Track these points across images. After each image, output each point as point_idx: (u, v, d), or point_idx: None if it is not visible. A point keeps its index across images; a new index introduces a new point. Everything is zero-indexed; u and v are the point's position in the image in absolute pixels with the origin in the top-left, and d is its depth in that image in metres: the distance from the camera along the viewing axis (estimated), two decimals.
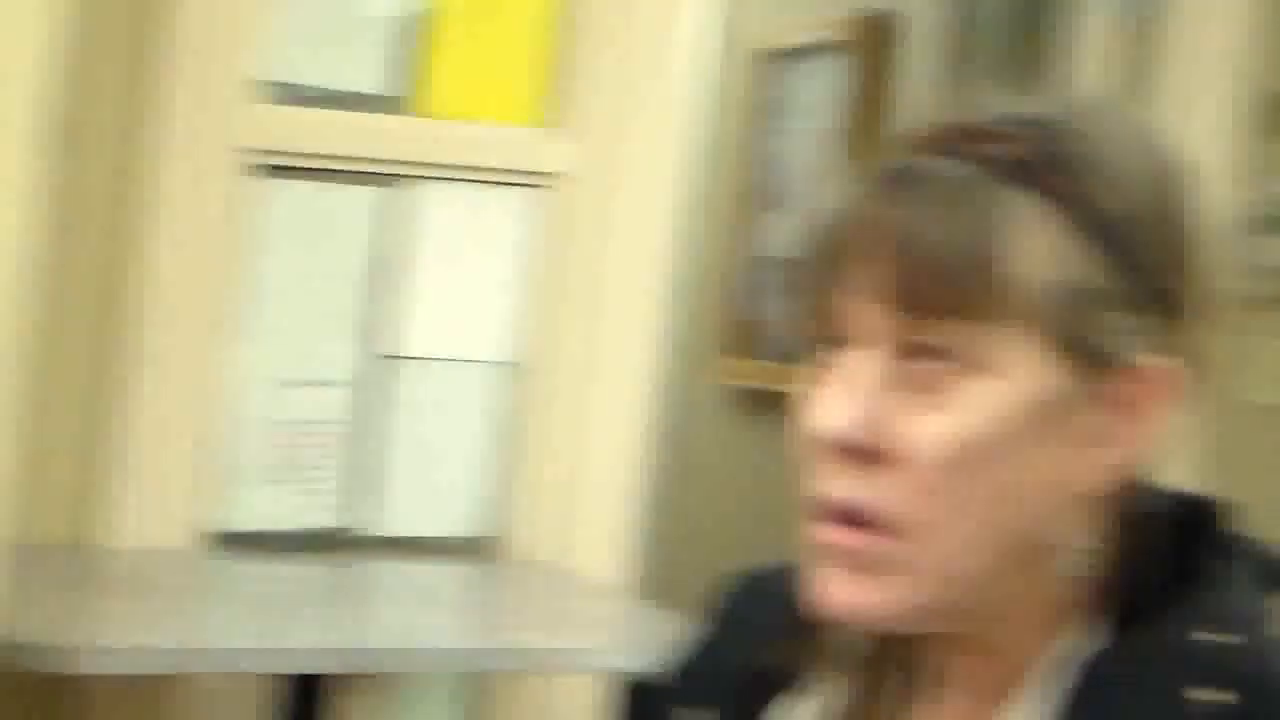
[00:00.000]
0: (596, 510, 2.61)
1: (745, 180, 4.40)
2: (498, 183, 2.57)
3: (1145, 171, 0.91)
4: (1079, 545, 0.91)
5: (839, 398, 0.89)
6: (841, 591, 0.90)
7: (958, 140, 0.90)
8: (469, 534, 2.57)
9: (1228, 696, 0.87)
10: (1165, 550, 0.93)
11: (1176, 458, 0.93)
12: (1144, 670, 0.89)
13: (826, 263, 0.90)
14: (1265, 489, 2.82)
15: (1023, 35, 3.46)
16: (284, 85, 2.46)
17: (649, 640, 2.10)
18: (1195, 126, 2.95)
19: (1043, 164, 0.89)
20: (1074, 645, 0.91)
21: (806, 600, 0.92)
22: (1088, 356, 0.88)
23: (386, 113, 2.52)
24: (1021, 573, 0.90)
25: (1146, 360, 0.89)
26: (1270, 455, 2.86)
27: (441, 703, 2.61)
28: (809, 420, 0.91)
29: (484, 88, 2.58)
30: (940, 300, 0.87)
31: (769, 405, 4.17)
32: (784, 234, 4.26)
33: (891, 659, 0.98)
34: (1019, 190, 0.88)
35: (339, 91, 2.50)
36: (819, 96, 4.17)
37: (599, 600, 2.53)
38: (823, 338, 0.92)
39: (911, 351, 0.89)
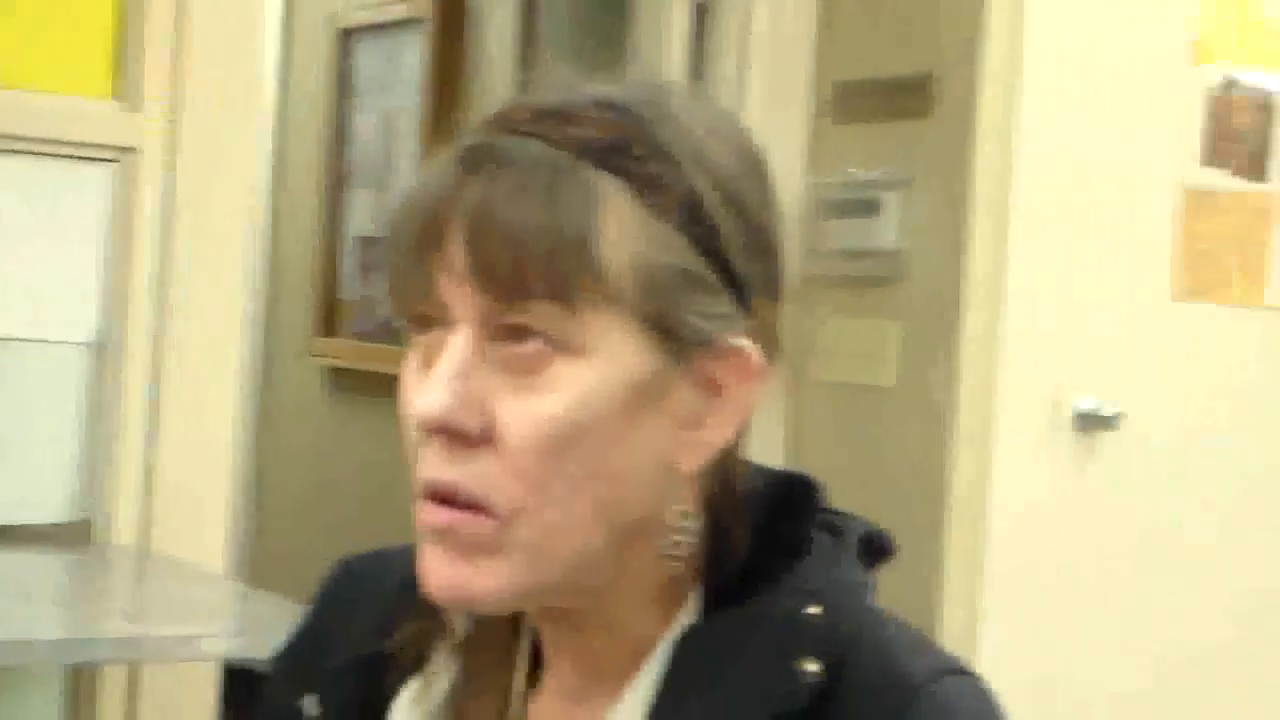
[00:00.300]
0: (193, 494, 2.55)
1: (333, 158, 4.34)
2: (69, 156, 2.48)
3: (725, 156, 0.92)
4: (679, 523, 0.92)
5: (433, 380, 0.88)
6: (443, 572, 0.90)
7: (541, 122, 0.90)
8: (63, 521, 2.48)
9: (820, 667, 0.89)
10: (764, 526, 0.95)
11: (762, 435, 0.96)
12: (742, 644, 0.91)
13: (414, 244, 0.89)
14: (839, 464, 2.95)
15: (598, 18, 3.51)
16: None
17: (255, 626, 2.08)
18: (770, 112, 3.05)
19: (625, 147, 0.89)
20: (688, 623, 0.93)
21: (417, 582, 0.91)
22: (676, 338, 0.90)
23: None
24: (624, 552, 0.91)
25: (733, 341, 0.91)
26: (842, 431, 2.99)
27: (43, 695, 2.50)
28: (406, 402, 0.91)
29: (51, 58, 2.47)
30: (525, 282, 0.87)
31: (366, 385, 4.13)
32: (371, 213, 4.22)
33: (502, 640, 0.98)
34: (602, 173, 0.88)
35: None
36: (399, 73, 4.15)
37: (201, 586, 2.47)
38: (417, 319, 0.91)
39: (503, 333, 0.89)
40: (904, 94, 2.92)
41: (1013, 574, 2.82)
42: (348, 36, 4.31)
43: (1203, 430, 2.95)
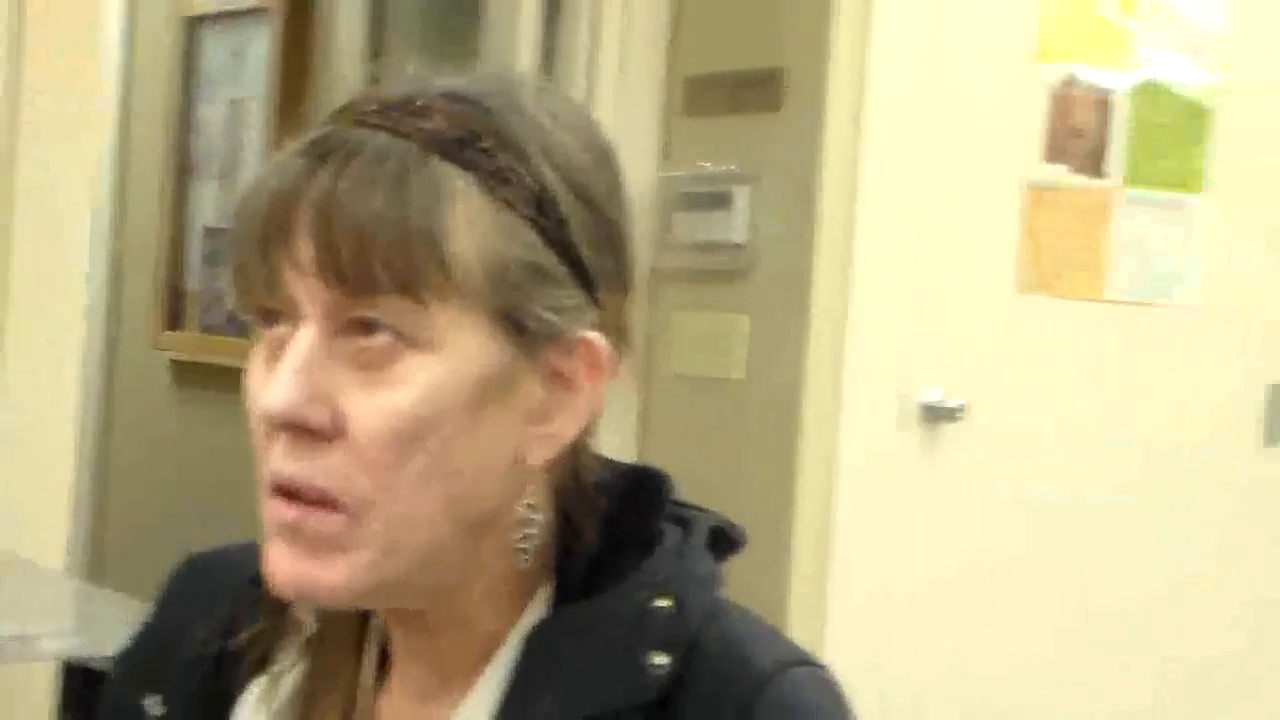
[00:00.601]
0: (32, 490, 2.49)
1: (179, 148, 4.27)
2: None
3: (575, 149, 0.92)
4: (530, 517, 0.92)
5: (280, 374, 0.88)
6: (290, 568, 0.89)
7: (389, 114, 0.89)
8: None
9: (669, 660, 0.90)
10: (614, 520, 0.96)
11: (612, 428, 0.96)
12: (591, 637, 0.91)
13: (259, 237, 0.88)
14: (688, 456, 2.96)
15: (448, 10, 3.50)
16: None
17: (95, 625, 2.04)
18: (621, 106, 3.05)
19: (474, 140, 0.89)
20: (538, 618, 0.93)
21: (265, 579, 0.91)
22: (525, 332, 0.89)
23: None
24: (475, 547, 0.91)
25: (582, 334, 0.91)
26: (691, 424, 3.00)
27: None
28: (252, 397, 0.90)
29: None
30: (373, 276, 0.86)
31: (213, 378, 4.07)
32: (217, 204, 4.16)
33: (349, 637, 0.98)
34: (450, 165, 0.88)
35: None
36: (247, 63, 4.09)
37: (40, 584, 2.42)
38: (263, 312, 0.90)
39: (351, 327, 0.88)
40: (754, 88, 2.94)
41: (859, 565, 2.85)
42: (194, 25, 4.24)
43: (1044, 421, 3.01)
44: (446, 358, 0.88)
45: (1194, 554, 3.13)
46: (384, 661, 0.98)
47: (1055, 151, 2.99)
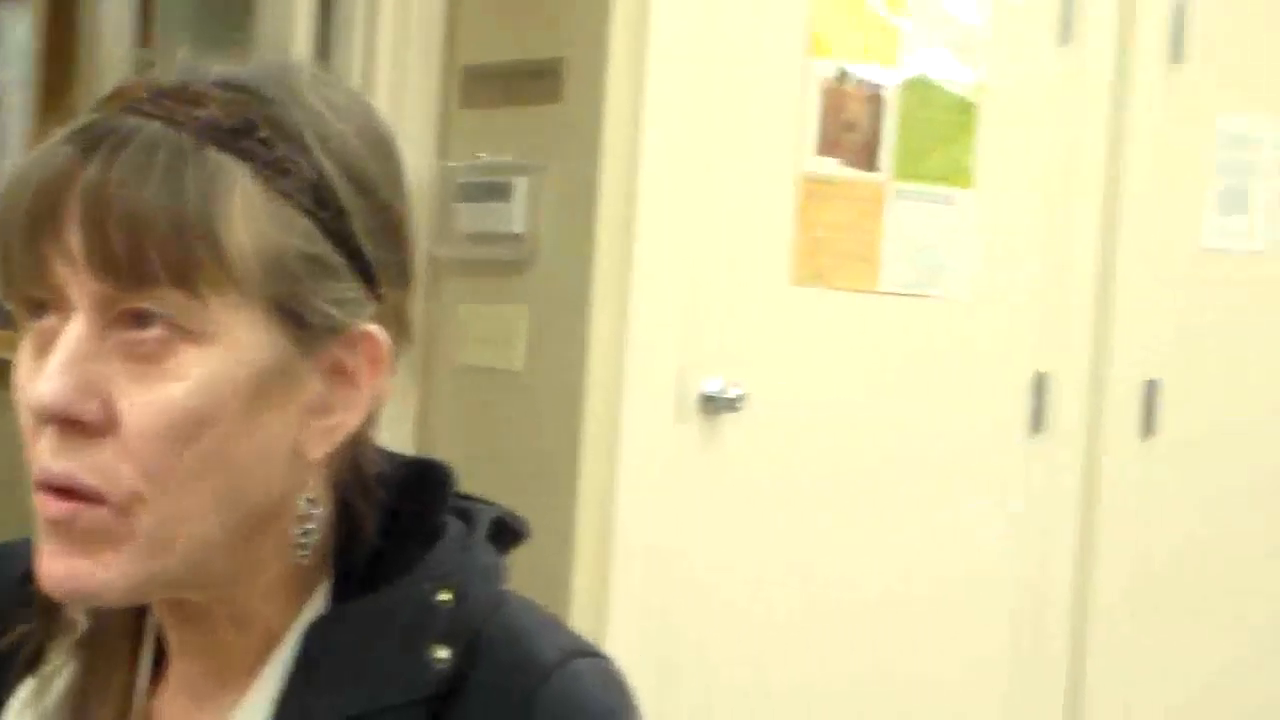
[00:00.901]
0: None
1: None
2: None
3: (353, 138, 0.91)
4: (311, 511, 0.91)
5: (49, 367, 0.85)
6: (61, 565, 0.87)
7: (161, 101, 0.87)
8: None
9: (451, 653, 0.89)
10: (395, 513, 0.95)
11: (392, 420, 0.95)
12: (372, 632, 0.90)
13: (25, 227, 0.86)
14: (470, 448, 2.95)
15: None
16: None
17: None
18: (399, 96, 3.03)
19: (250, 129, 0.87)
20: (318, 612, 0.92)
21: (37, 577, 0.88)
22: (304, 324, 0.88)
23: None
24: (254, 541, 0.90)
25: (362, 327, 0.90)
26: (472, 416, 2.99)
27: None
28: (21, 390, 0.87)
29: None
30: (146, 267, 0.84)
31: None
32: None
33: (124, 636, 0.96)
34: (226, 155, 0.86)
35: None
36: (8, 47, 3.98)
37: None
38: (31, 303, 0.88)
39: (124, 319, 0.86)
40: (534, 79, 2.94)
41: (642, 555, 2.87)
42: None
43: (821, 411, 3.06)
44: (222, 350, 0.86)
45: (965, 540, 3.21)
46: (160, 661, 0.96)
47: (828, 145, 3.04)
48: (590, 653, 0.93)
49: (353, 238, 0.89)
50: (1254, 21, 3.49)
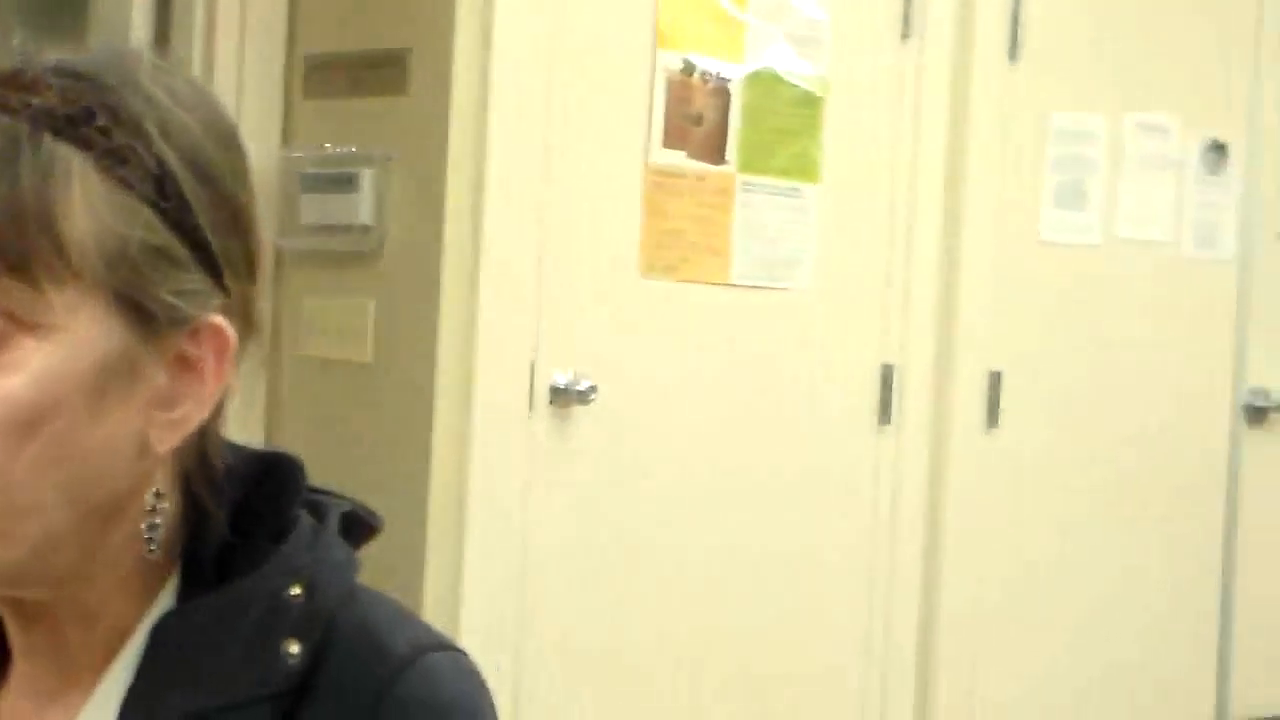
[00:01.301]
0: None
1: None
2: None
3: (195, 127, 0.89)
4: (158, 506, 0.89)
5: None
6: None
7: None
8: None
9: (302, 648, 0.88)
10: (245, 508, 0.93)
11: (239, 414, 0.94)
12: (222, 627, 0.89)
13: None
14: (319, 441, 2.92)
15: None
16: None
17: None
18: (242, 86, 2.98)
19: (89, 117, 0.86)
20: (166, 609, 0.91)
21: None
22: (148, 315, 0.87)
23: None
24: (98, 536, 0.88)
25: (207, 319, 0.89)
26: (321, 408, 2.96)
27: None
28: None
29: None
30: None
31: None
32: None
33: None
34: (64, 144, 0.85)
35: None
36: None
37: None
38: None
39: None
40: (379, 70, 2.91)
41: (494, 548, 2.86)
42: None
43: (672, 403, 3.07)
44: (63, 343, 0.84)
45: (816, 530, 3.24)
46: (4, 662, 0.94)
47: (676, 138, 3.05)
48: (443, 646, 0.93)
49: (197, 229, 0.88)
50: (1087, 20, 3.57)
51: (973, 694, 3.48)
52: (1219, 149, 3.78)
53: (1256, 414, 3.89)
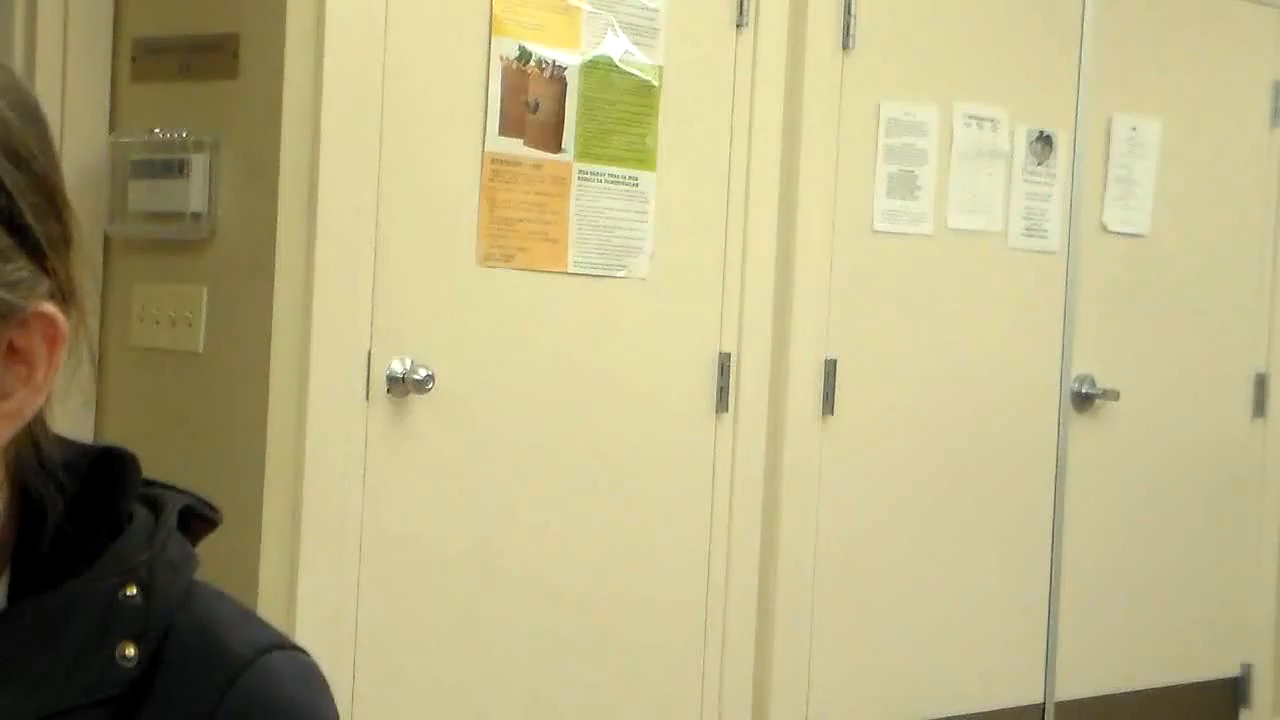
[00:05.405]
0: None
1: None
2: None
3: (6, 111, 0.86)
4: None
5: None
6: None
7: None
8: None
9: (139, 650, 0.86)
10: (78, 504, 0.90)
11: (67, 404, 0.91)
12: (55, 629, 0.86)
13: None
14: (151, 432, 2.86)
15: None
16: None
17: None
18: (66, 69, 2.91)
19: None
20: None
21: None
22: None
23: None
24: None
25: (37, 308, 0.86)
26: (155, 399, 2.90)
27: None
28: None
29: None
30: None
31: None
32: None
33: None
34: None
35: None
36: None
37: None
38: None
39: None
40: (209, 54, 2.85)
41: (331, 540, 2.82)
42: None
43: (510, 392, 3.05)
44: None
45: (655, 518, 3.25)
46: None
47: (512, 126, 3.03)
48: (284, 646, 0.91)
49: (15, 214, 0.84)
50: (918, 11, 3.61)
51: (810, 682, 3.51)
52: (1045, 140, 3.85)
53: (1083, 400, 3.98)
